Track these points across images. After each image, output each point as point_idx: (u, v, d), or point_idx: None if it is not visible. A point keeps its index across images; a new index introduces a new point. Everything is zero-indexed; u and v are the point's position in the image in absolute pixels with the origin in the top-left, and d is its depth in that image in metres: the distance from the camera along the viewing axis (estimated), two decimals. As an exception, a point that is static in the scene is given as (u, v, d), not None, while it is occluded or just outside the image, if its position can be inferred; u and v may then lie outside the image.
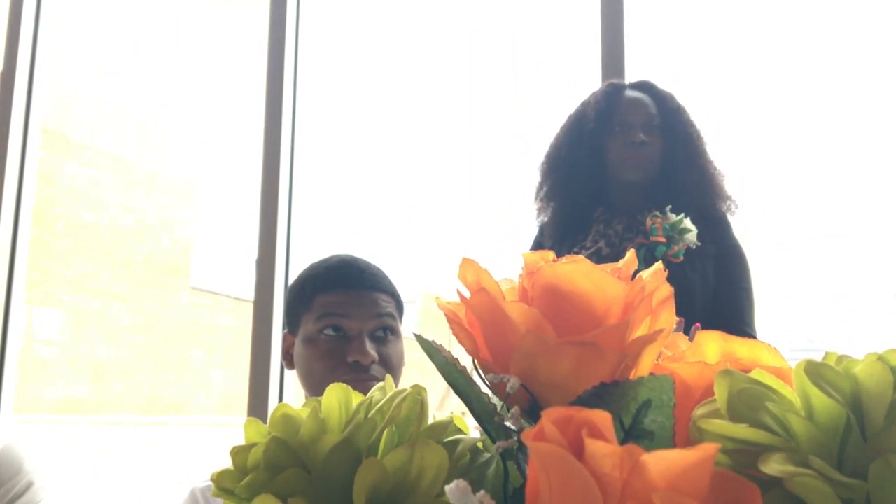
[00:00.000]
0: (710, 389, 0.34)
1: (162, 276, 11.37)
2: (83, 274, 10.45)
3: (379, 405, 0.37)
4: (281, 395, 2.48)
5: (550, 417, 0.27)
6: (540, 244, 1.81)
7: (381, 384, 0.40)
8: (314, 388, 1.11)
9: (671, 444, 0.33)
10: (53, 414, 9.87)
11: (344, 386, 0.38)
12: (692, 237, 1.61)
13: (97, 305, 10.62)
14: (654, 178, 1.70)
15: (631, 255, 0.40)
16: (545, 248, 1.69)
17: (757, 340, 0.38)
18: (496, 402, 0.38)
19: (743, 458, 0.30)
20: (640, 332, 0.38)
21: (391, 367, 1.12)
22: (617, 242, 1.64)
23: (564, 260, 0.37)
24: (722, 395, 0.32)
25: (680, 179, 1.68)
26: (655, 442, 0.33)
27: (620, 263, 0.40)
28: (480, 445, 0.39)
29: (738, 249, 1.69)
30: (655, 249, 1.59)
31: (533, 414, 0.38)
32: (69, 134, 10.14)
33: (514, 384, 0.35)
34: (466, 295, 0.39)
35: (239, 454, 0.37)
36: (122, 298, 10.91)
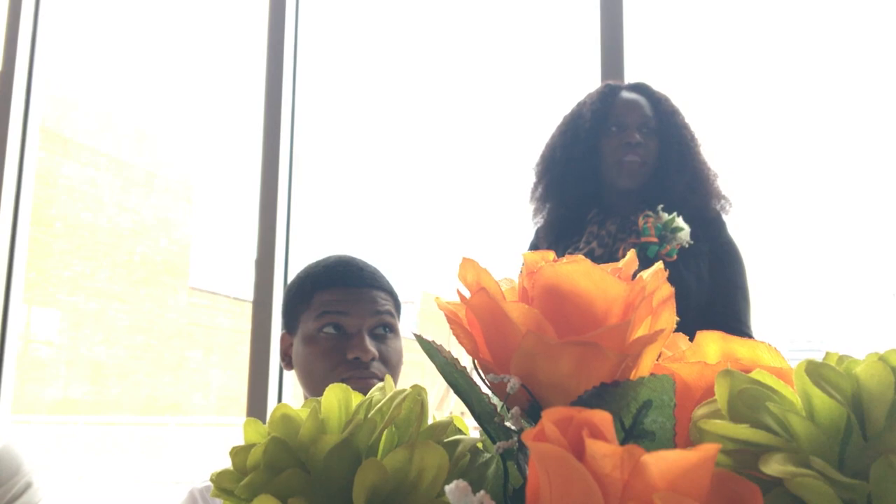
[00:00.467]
0: (710, 390, 0.34)
1: (160, 276, 11.37)
2: (81, 274, 10.45)
3: (379, 405, 0.37)
4: (280, 395, 2.48)
5: (551, 418, 0.27)
6: (536, 247, 1.81)
7: (380, 384, 0.40)
8: (314, 386, 1.11)
9: (672, 444, 0.33)
10: (51, 414, 9.87)
11: (343, 386, 0.38)
12: (685, 235, 1.60)
13: (95, 306, 10.62)
14: (645, 183, 1.69)
15: (631, 255, 0.40)
16: (540, 248, 1.69)
17: (757, 340, 0.38)
18: (496, 402, 0.38)
19: (744, 458, 0.30)
20: (640, 332, 0.38)
21: (391, 364, 1.12)
22: (610, 243, 1.64)
23: (565, 260, 0.37)
24: (722, 395, 0.32)
25: (669, 183, 1.68)
26: (656, 442, 0.33)
27: (621, 263, 0.40)
28: (480, 446, 0.39)
29: (732, 247, 1.69)
30: (648, 249, 1.59)
31: (533, 414, 0.37)
32: (67, 134, 10.14)
33: (514, 384, 0.35)
34: (466, 295, 0.39)
35: (238, 454, 0.37)
36: (120, 299, 10.91)
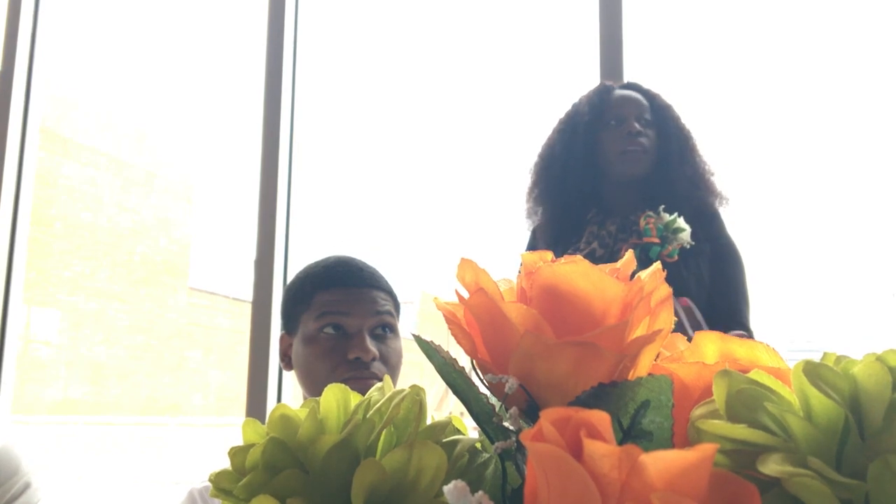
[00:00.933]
0: (708, 390, 0.34)
1: (160, 276, 11.37)
2: (81, 274, 10.44)
3: (377, 405, 0.37)
4: (279, 395, 2.48)
5: (549, 418, 0.27)
6: (533, 247, 1.80)
7: (379, 384, 0.40)
8: (314, 386, 1.11)
9: (670, 444, 0.33)
10: (51, 414, 9.87)
11: (342, 386, 0.38)
12: (686, 236, 1.61)
13: (95, 306, 10.61)
14: (647, 175, 1.70)
15: (630, 255, 0.40)
16: (539, 249, 1.69)
17: (755, 340, 0.38)
18: (494, 402, 0.38)
19: (741, 458, 0.30)
20: (638, 332, 0.38)
21: (390, 364, 1.12)
22: (611, 243, 1.64)
23: (563, 260, 0.37)
24: (720, 395, 0.32)
25: (672, 176, 1.69)
26: (654, 442, 0.33)
27: (619, 264, 0.40)
28: (479, 446, 0.39)
29: (731, 247, 1.69)
30: (650, 250, 1.59)
31: (531, 414, 0.38)
32: (67, 134, 10.13)
33: (512, 384, 0.35)
34: (465, 295, 0.39)
35: (237, 455, 0.37)
36: (119, 299, 10.90)
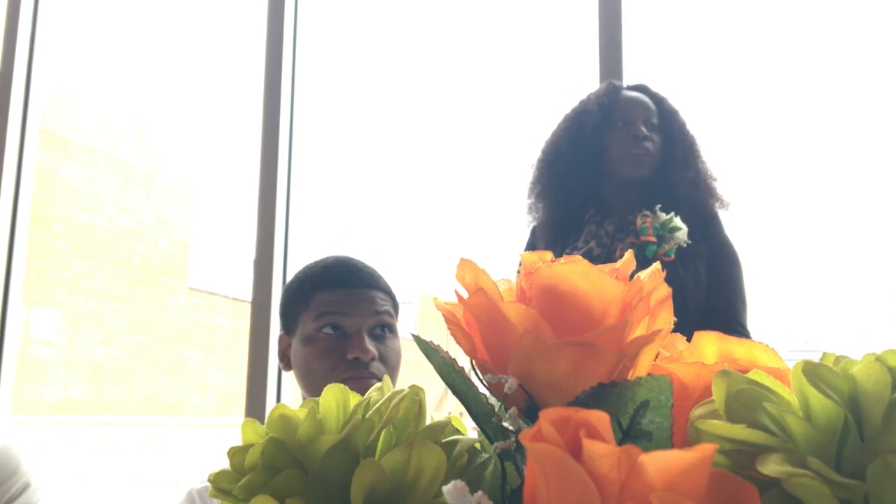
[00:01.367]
0: (707, 390, 0.34)
1: (159, 276, 11.36)
2: (80, 274, 10.44)
3: (377, 405, 0.37)
4: (279, 395, 2.48)
5: (548, 418, 0.27)
6: (533, 247, 1.80)
7: (378, 384, 0.40)
8: (314, 387, 1.11)
9: (669, 444, 0.33)
10: (50, 415, 9.86)
11: (341, 386, 0.38)
12: (682, 235, 1.61)
13: (94, 306, 10.61)
14: (649, 178, 1.70)
15: (629, 255, 0.40)
16: (538, 249, 1.69)
17: (754, 341, 0.38)
18: (494, 402, 0.38)
19: (741, 458, 0.30)
20: (638, 332, 0.38)
21: (390, 364, 1.12)
22: (608, 243, 1.64)
23: (562, 260, 0.37)
24: (720, 395, 0.32)
25: (674, 179, 1.69)
26: (653, 442, 0.33)
27: (618, 264, 0.40)
28: (478, 446, 0.39)
29: (729, 247, 1.70)
30: (646, 249, 1.59)
31: (531, 414, 0.38)
32: (67, 134, 10.13)
33: (511, 384, 0.35)
34: (464, 295, 0.39)
35: (236, 455, 0.37)
36: (119, 299, 10.90)
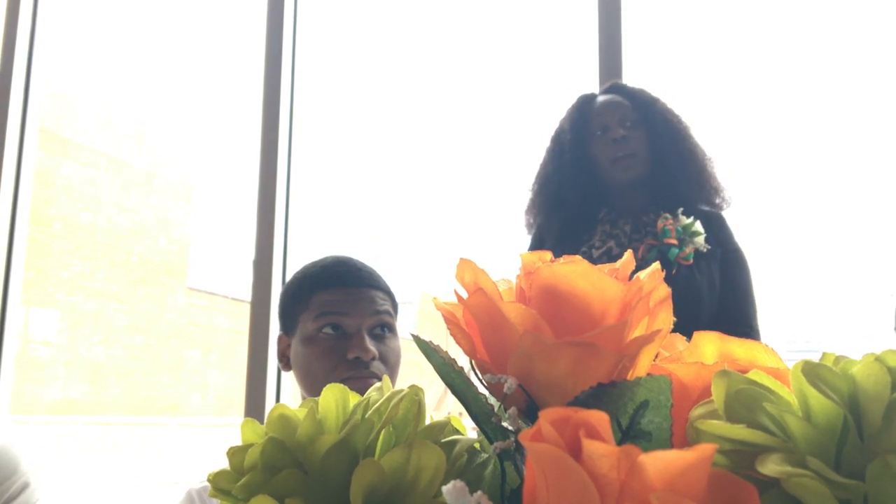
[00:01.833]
0: (707, 390, 0.34)
1: (159, 276, 11.36)
2: (80, 274, 10.44)
3: (376, 405, 0.37)
4: (278, 395, 2.48)
5: (548, 418, 0.27)
6: (539, 246, 1.81)
7: (378, 384, 0.40)
8: (314, 387, 1.11)
9: (668, 444, 0.33)
10: (50, 415, 9.86)
11: (341, 386, 0.38)
12: (701, 240, 1.63)
13: (94, 306, 10.60)
14: (648, 174, 1.71)
15: (628, 255, 0.40)
16: (546, 247, 1.70)
17: (754, 341, 0.38)
18: (493, 402, 0.38)
19: (740, 458, 0.30)
20: (637, 332, 0.38)
21: (390, 364, 1.12)
22: (626, 243, 1.66)
23: (562, 260, 0.37)
24: (719, 395, 0.32)
25: (673, 171, 1.70)
26: (653, 442, 0.33)
27: (618, 264, 0.40)
28: (478, 446, 0.39)
29: (740, 253, 1.71)
30: (668, 251, 1.60)
31: (530, 414, 0.37)
32: (66, 134, 10.12)
33: (511, 385, 0.35)
34: (464, 295, 0.39)
35: (236, 455, 0.37)
36: (118, 299, 10.90)
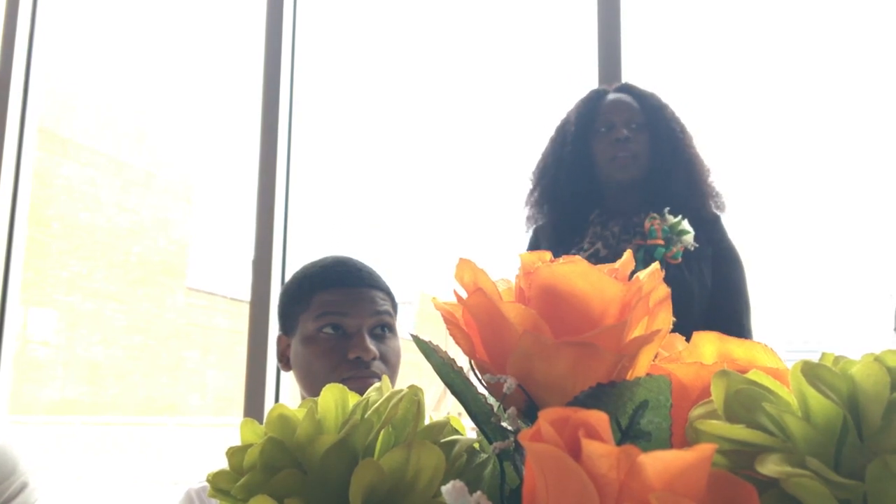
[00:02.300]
0: (706, 390, 0.34)
1: (157, 276, 11.35)
2: (78, 274, 10.43)
3: (375, 405, 0.37)
4: (277, 395, 2.48)
5: (547, 418, 0.27)
6: (536, 247, 1.81)
7: (377, 384, 0.40)
8: (314, 387, 1.11)
9: (668, 444, 0.33)
10: (48, 415, 9.85)
11: (340, 386, 0.38)
12: (690, 239, 1.62)
13: (92, 306, 10.60)
14: (645, 177, 1.71)
15: (628, 255, 0.40)
16: (541, 249, 1.70)
17: (753, 341, 0.38)
18: (493, 402, 0.38)
19: (740, 458, 0.30)
20: (637, 332, 0.38)
21: (390, 364, 1.12)
22: (614, 244, 1.65)
23: (561, 260, 0.37)
24: (718, 395, 0.32)
25: (670, 178, 1.70)
26: (652, 442, 0.33)
27: (617, 264, 0.40)
28: (477, 446, 0.39)
29: (733, 252, 1.70)
30: (654, 251, 1.60)
31: (530, 414, 0.37)
32: (66, 134, 10.12)
33: (510, 385, 0.35)
34: (463, 295, 0.39)
35: (235, 455, 0.37)
36: (117, 299, 10.89)
